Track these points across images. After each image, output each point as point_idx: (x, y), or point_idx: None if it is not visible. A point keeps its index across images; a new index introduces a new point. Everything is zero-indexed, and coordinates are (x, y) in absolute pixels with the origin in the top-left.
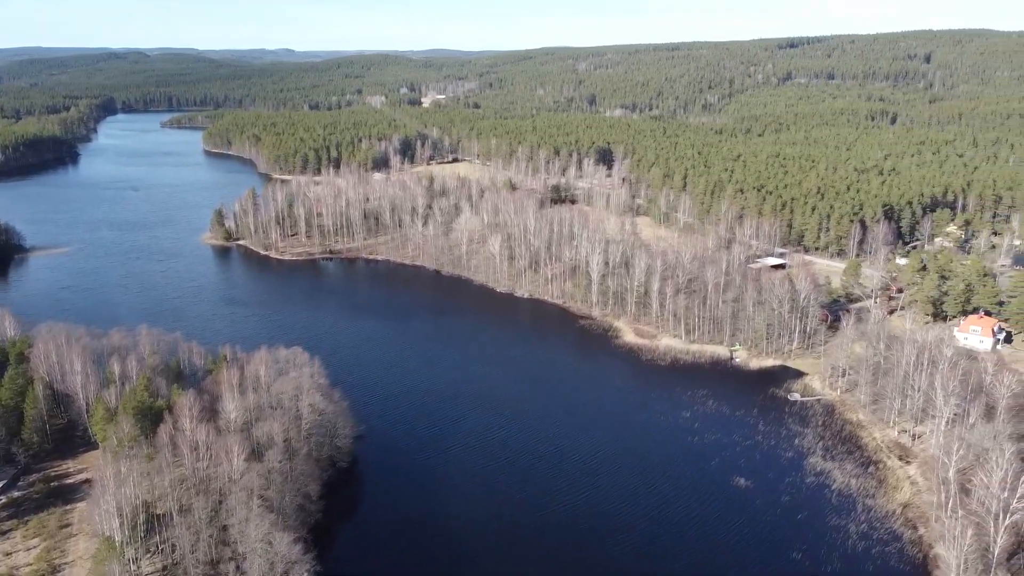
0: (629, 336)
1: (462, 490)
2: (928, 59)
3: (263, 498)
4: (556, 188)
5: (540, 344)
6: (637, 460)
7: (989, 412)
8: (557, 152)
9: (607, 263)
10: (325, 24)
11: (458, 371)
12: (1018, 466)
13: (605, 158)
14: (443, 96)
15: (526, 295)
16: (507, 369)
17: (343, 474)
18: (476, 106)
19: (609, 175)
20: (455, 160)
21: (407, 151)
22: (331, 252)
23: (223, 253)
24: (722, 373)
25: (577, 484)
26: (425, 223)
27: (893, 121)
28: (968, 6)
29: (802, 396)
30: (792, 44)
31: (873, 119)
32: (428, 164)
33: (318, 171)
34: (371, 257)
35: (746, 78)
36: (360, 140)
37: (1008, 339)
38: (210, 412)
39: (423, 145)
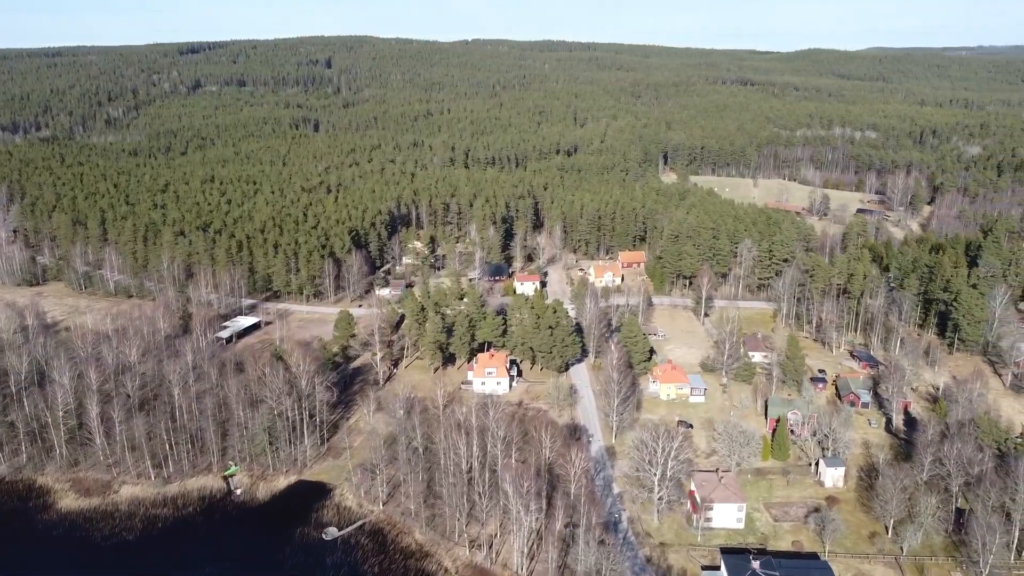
0: (67, 499)
1: None
2: (329, 64)
3: None
4: None
5: None
6: None
7: (566, 499)
8: None
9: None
10: None
11: None
12: None
13: None
14: None
15: None
16: None
17: None
18: None
19: None
20: None
21: None
22: None
23: None
24: (225, 522)
25: None
26: None
27: (316, 128)
28: (355, 14)
29: (339, 529)
30: (194, 50)
31: (297, 127)
32: None
33: None
34: None
35: (151, 87)
36: None
37: (519, 372)
38: None
39: None
